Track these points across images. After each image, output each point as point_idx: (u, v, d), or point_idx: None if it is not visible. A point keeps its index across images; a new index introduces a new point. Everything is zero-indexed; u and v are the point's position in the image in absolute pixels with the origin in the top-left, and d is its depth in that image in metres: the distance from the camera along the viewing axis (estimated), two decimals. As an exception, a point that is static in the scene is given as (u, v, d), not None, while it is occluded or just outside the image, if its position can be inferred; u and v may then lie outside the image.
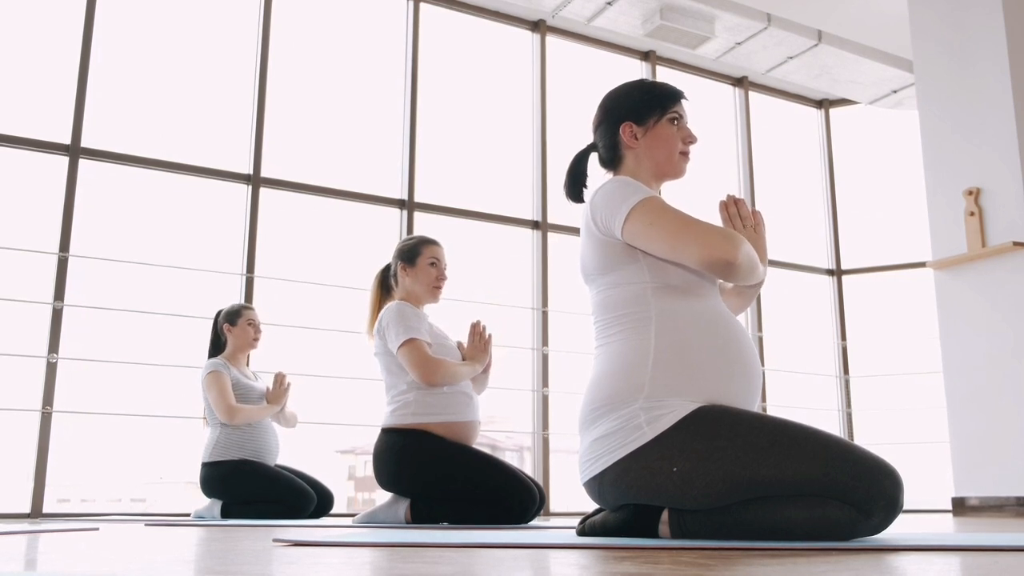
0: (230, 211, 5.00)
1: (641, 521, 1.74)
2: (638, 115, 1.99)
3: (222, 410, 3.85)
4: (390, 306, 3.29)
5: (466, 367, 3.27)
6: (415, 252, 3.41)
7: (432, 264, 3.38)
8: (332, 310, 5.05)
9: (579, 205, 2.05)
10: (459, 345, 3.40)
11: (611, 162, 2.03)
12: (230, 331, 4.06)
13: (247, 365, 4.15)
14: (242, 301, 4.74)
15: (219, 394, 3.87)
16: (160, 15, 5.16)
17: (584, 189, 2.07)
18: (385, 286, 3.49)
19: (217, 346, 4.10)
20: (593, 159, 2.10)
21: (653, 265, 1.84)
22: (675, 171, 2.00)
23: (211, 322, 4.16)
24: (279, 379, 4.08)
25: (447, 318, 3.57)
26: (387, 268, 3.53)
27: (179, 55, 5.14)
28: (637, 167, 1.98)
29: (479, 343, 3.36)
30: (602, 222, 1.87)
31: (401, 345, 3.16)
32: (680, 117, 2.00)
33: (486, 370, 3.41)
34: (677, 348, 1.77)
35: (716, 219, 2.10)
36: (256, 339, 4.11)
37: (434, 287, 3.37)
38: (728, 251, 1.76)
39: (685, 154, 2.00)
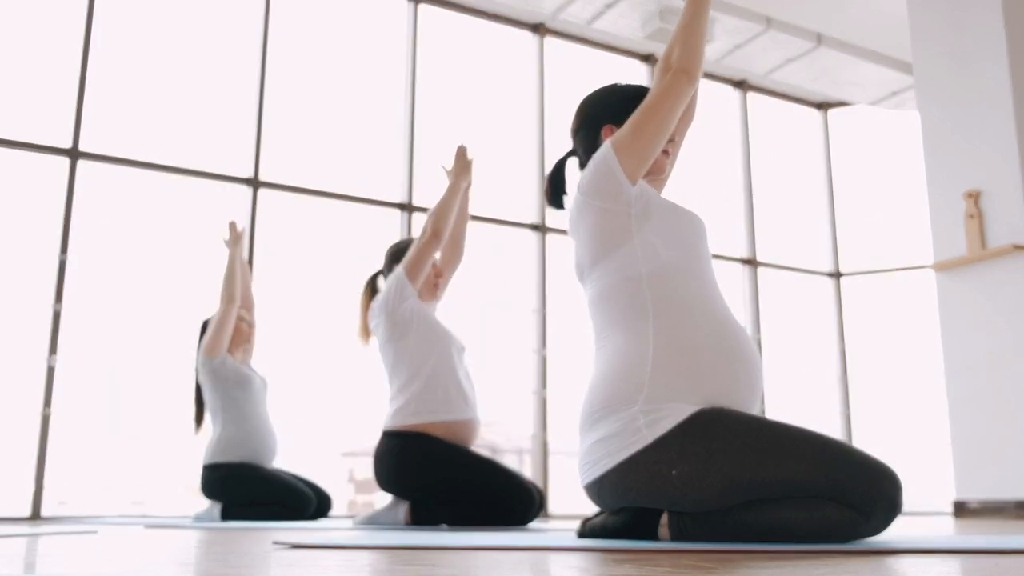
0: (231, 214, 4.99)
1: (641, 524, 1.74)
2: (617, 116, 2.01)
3: (215, 323, 3.89)
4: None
5: (450, 191, 3.36)
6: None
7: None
8: (333, 313, 5.05)
9: (561, 211, 2.09)
10: (444, 169, 3.50)
11: None
12: None
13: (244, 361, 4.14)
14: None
15: (212, 326, 3.92)
16: (160, 18, 5.16)
17: (565, 196, 2.11)
18: (375, 292, 3.49)
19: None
20: (572, 166, 2.13)
21: (645, 244, 1.85)
22: (657, 168, 2.01)
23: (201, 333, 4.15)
24: (232, 224, 4.15)
25: (448, 319, 3.57)
26: (376, 275, 3.55)
27: (180, 58, 5.15)
28: None
29: (463, 161, 3.45)
30: (597, 184, 1.88)
31: (405, 274, 3.24)
32: None
33: (467, 190, 3.52)
34: (676, 348, 1.77)
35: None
36: (251, 330, 4.12)
37: (432, 284, 3.38)
38: (681, 72, 1.87)
39: (666, 152, 2.02)
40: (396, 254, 3.46)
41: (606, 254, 1.88)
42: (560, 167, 2.14)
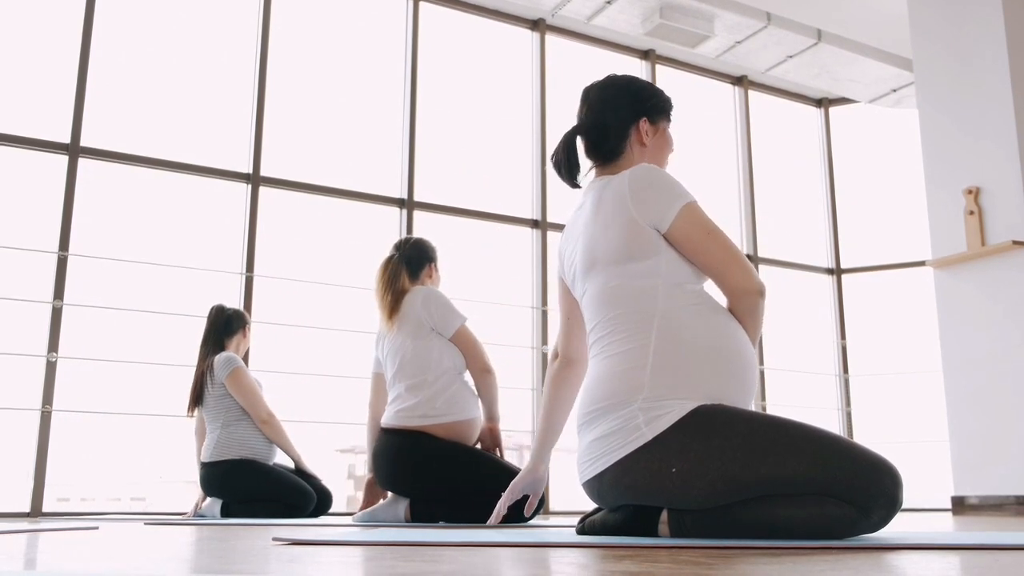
0: (230, 210, 5.00)
1: (641, 521, 1.74)
2: (653, 114, 2.01)
3: (262, 410, 3.88)
4: (431, 289, 3.29)
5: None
6: (436, 257, 3.45)
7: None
8: (332, 309, 5.05)
9: (576, 189, 2.03)
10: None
11: (610, 153, 1.99)
12: (245, 335, 4.12)
13: None
14: (240, 302, 4.75)
15: (253, 393, 3.90)
16: (160, 15, 5.16)
17: (578, 173, 2.00)
18: (395, 274, 3.33)
19: (215, 339, 4.03)
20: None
21: (672, 261, 1.82)
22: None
23: (217, 315, 4.08)
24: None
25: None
26: (393, 258, 3.40)
27: (179, 54, 5.14)
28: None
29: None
30: (647, 207, 1.82)
31: (461, 329, 3.22)
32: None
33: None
34: (676, 348, 1.76)
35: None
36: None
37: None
38: (762, 285, 1.82)
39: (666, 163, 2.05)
40: (434, 251, 3.44)
41: (631, 259, 1.82)
42: (572, 142, 2.01)
